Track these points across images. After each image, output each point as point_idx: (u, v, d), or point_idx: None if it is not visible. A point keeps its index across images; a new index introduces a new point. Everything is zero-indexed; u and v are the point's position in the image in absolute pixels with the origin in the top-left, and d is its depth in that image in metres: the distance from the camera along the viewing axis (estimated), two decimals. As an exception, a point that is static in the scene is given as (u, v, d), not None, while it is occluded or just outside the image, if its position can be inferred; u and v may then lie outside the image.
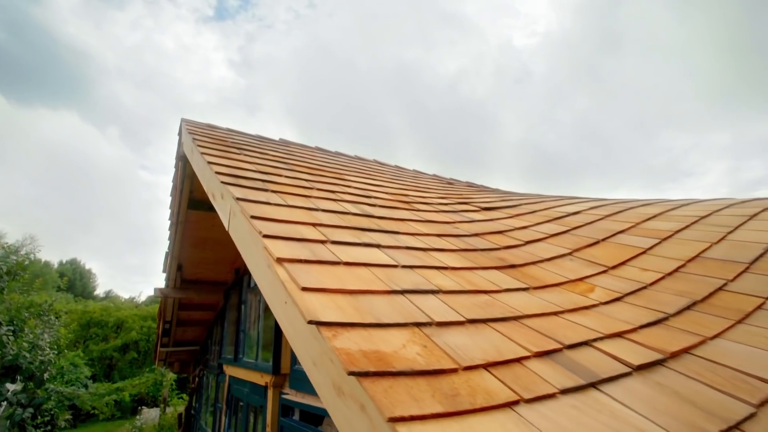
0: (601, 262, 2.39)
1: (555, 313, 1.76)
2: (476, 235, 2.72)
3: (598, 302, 1.93)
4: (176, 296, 7.01)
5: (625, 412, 1.17)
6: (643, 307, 1.88)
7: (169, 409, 15.65)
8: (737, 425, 1.16)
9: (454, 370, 1.20)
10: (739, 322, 1.73)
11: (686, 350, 1.54)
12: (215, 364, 7.69)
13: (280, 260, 1.59)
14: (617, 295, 2.01)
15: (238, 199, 2.16)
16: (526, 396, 1.15)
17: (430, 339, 1.34)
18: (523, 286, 2.02)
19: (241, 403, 5.93)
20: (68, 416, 15.97)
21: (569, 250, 2.55)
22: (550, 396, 1.19)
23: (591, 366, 1.37)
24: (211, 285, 7.33)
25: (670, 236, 2.60)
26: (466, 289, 1.83)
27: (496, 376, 1.22)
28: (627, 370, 1.38)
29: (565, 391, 1.22)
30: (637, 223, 2.87)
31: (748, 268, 2.12)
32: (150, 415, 16.77)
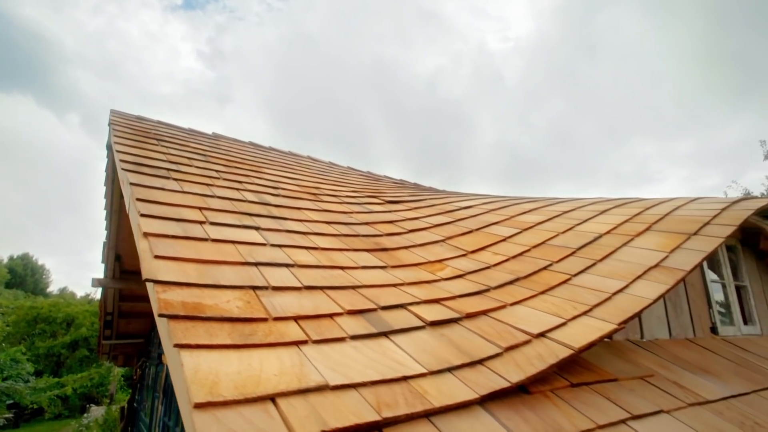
0: (465, 247, 2.74)
1: (395, 285, 2.08)
2: (366, 223, 3.03)
3: (440, 278, 2.27)
4: (115, 287, 7.01)
5: (397, 352, 1.49)
6: (475, 282, 2.23)
7: (116, 406, 15.33)
8: (480, 361, 1.50)
9: (263, 319, 1.48)
10: (542, 293, 2.10)
11: (484, 312, 1.88)
12: (156, 355, 7.74)
13: (146, 234, 1.83)
14: (461, 273, 2.36)
15: (132, 184, 2.38)
16: (315, 338, 1.45)
17: (258, 298, 1.62)
18: (382, 264, 2.34)
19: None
20: (9, 414, 15.40)
21: (443, 238, 2.90)
22: (338, 339, 1.49)
23: (392, 321, 1.69)
24: (152, 276, 7.36)
25: (531, 227, 2.99)
26: (324, 264, 2.13)
27: (299, 325, 1.51)
28: (421, 324, 1.71)
29: (354, 337, 1.52)
30: (512, 216, 3.26)
31: (574, 252, 2.52)
32: (98, 413, 16.34)
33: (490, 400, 1.35)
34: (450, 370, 1.43)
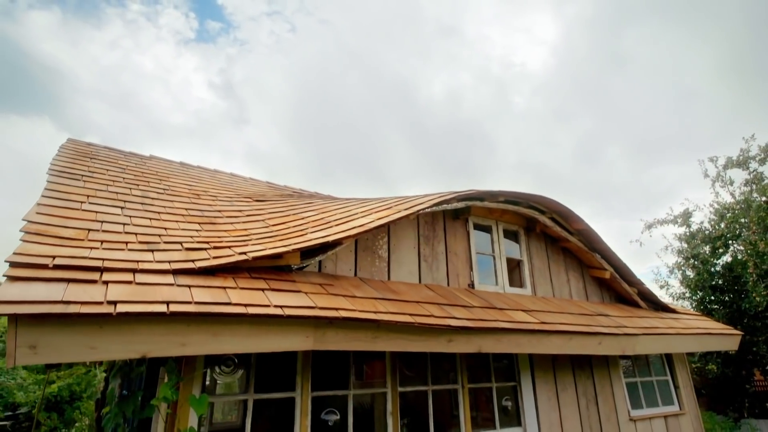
0: (271, 223, 4.14)
1: (191, 237, 3.47)
2: (219, 211, 4.45)
3: (230, 235, 3.66)
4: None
5: (148, 257, 2.86)
6: (249, 236, 3.61)
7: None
8: (192, 260, 2.88)
9: (81, 239, 2.88)
10: (279, 239, 3.46)
11: (228, 246, 3.26)
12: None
13: (38, 204, 3.27)
14: (249, 233, 3.74)
15: (48, 181, 3.84)
16: (105, 248, 2.83)
17: (88, 234, 3.02)
18: (199, 229, 3.74)
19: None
20: (5, 422, 16.51)
21: (263, 219, 4.30)
22: (119, 250, 2.88)
23: (164, 247, 3.07)
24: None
25: (328, 211, 4.38)
26: (153, 226, 3.53)
27: (102, 245, 2.90)
28: (180, 248, 3.09)
29: (131, 250, 2.91)
30: (323, 211, 4.65)
31: (328, 221, 3.89)
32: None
33: (180, 273, 2.72)
34: (170, 262, 2.81)
